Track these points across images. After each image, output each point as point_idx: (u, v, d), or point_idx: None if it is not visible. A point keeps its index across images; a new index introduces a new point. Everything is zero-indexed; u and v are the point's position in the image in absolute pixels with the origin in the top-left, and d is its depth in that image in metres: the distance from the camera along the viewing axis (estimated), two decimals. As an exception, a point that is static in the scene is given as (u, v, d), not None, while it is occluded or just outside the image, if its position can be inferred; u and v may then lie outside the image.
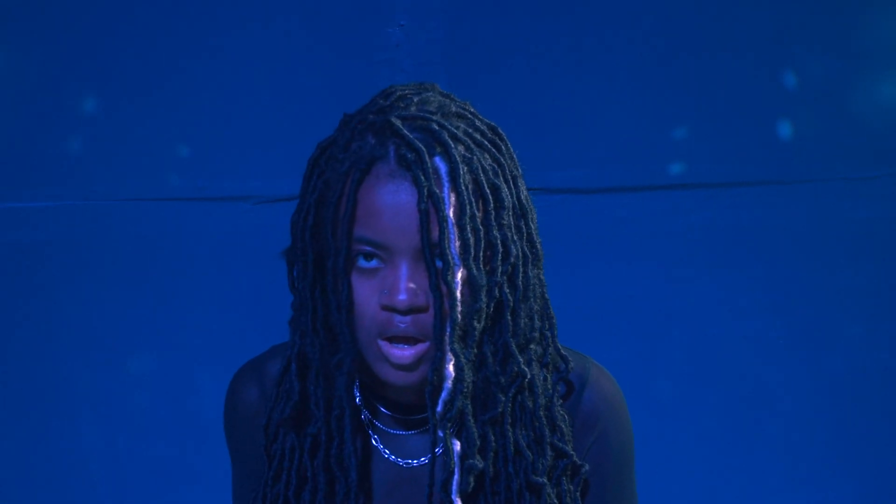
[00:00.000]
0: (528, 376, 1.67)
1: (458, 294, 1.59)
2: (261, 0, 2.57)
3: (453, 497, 1.64)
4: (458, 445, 1.64)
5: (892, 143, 2.63)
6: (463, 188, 1.59)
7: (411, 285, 1.59)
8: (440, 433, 1.62)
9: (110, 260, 2.59)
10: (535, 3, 2.59)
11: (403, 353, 1.61)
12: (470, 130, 1.64)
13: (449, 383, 1.61)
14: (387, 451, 1.73)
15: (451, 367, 1.60)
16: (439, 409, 1.61)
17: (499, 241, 1.62)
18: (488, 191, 1.62)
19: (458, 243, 1.58)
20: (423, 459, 1.73)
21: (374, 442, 1.74)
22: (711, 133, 2.63)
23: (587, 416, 1.74)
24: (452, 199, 1.59)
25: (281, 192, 2.60)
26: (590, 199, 2.62)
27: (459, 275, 1.59)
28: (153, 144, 2.59)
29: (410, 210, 1.57)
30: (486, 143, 1.64)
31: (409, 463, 1.73)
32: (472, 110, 1.67)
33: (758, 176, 2.64)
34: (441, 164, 1.59)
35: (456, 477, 1.64)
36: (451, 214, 1.58)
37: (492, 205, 1.62)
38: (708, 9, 2.60)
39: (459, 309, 1.59)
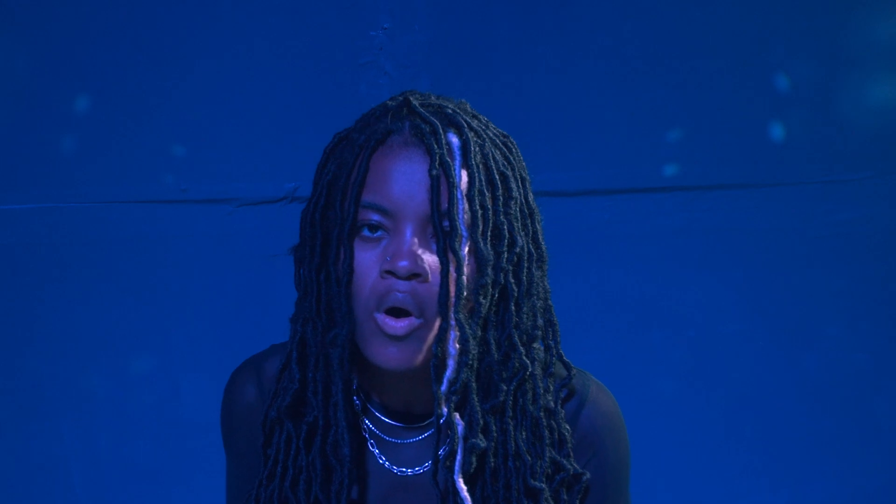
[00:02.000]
0: (529, 370, 1.68)
1: (465, 267, 1.60)
2: (244, 5, 2.57)
3: (456, 477, 1.63)
4: (461, 425, 1.63)
5: (877, 145, 2.65)
6: (473, 165, 1.63)
7: (415, 251, 1.60)
8: (444, 410, 1.62)
9: (92, 261, 2.58)
10: (520, 5, 2.60)
11: (397, 323, 1.61)
12: (483, 127, 1.69)
13: (452, 361, 1.61)
14: (382, 458, 1.74)
15: (455, 344, 1.61)
16: (444, 387, 1.61)
17: (505, 228, 1.65)
18: (497, 177, 1.65)
19: (466, 215, 1.61)
20: (417, 469, 1.73)
21: (370, 447, 1.74)
22: (700, 136, 2.64)
23: (585, 434, 1.74)
24: (463, 174, 1.62)
25: (263, 194, 2.60)
26: (575, 202, 2.63)
27: (467, 248, 1.61)
28: (134, 148, 2.57)
29: (421, 177, 1.61)
30: (498, 141, 1.69)
31: (403, 471, 1.73)
32: (487, 119, 1.72)
33: (746, 178, 2.65)
34: (454, 139, 1.64)
35: (459, 456, 1.63)
36: (461, 186, 1.61)
37: (500, 191, 1.65)
38: (696, 13, 2.62)
39: (466, 282, 1.60)
